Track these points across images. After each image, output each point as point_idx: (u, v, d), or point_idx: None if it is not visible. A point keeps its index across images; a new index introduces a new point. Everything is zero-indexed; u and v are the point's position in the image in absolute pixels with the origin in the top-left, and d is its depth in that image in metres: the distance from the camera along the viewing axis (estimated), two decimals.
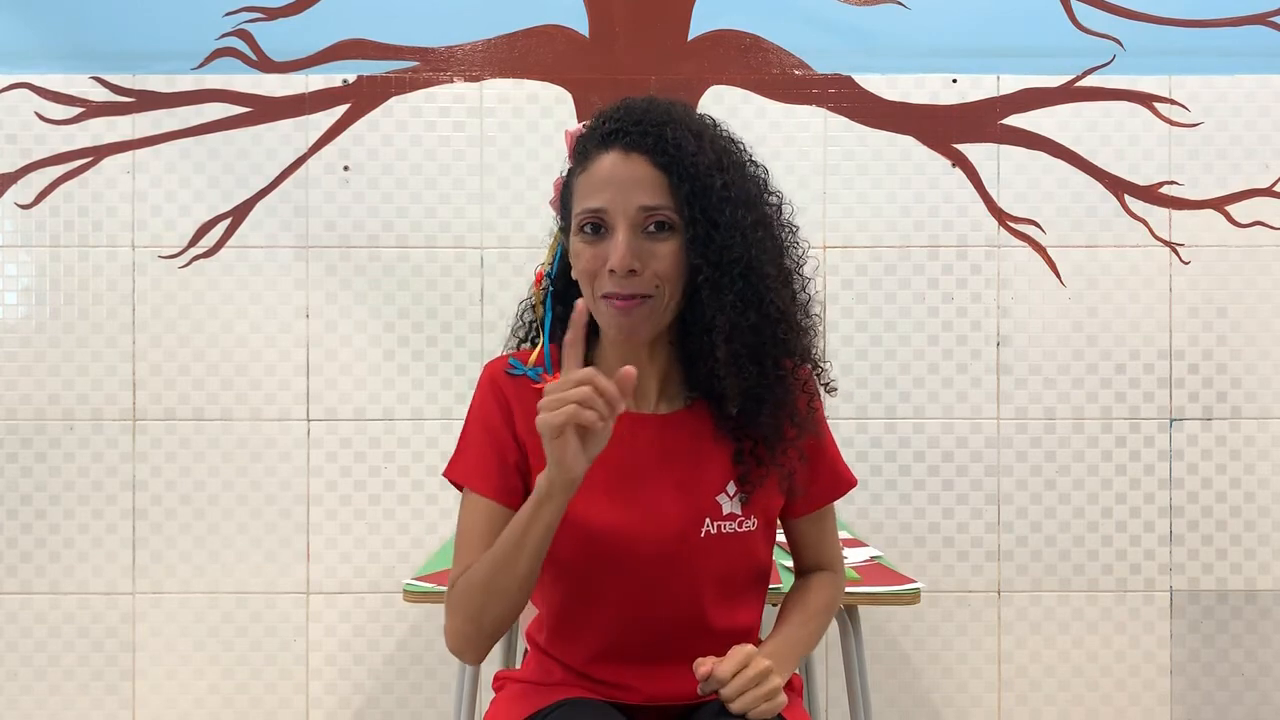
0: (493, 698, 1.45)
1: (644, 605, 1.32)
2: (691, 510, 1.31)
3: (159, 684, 2.55)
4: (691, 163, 1.23)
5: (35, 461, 2.54)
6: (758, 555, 1.38)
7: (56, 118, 2.54)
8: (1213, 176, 2.56)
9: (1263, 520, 2.57)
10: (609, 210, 1.24)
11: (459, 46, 2.56)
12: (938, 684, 2.57)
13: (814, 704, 2.17)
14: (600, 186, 1.25)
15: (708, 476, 1.33)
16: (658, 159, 1.24)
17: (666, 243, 1.25)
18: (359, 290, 2.55)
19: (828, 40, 2.56)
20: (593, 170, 1.27)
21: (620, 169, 1.25)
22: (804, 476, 1.36)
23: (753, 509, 1.34)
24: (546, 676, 1.38)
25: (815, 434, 1.37)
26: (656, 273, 1.24)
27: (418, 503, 2.55)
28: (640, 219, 1.24)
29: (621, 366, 1.21)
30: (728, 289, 1.24)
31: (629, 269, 1.23)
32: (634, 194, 1.24)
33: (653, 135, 1.24)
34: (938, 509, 2.56)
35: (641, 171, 1.24)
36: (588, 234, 1.26)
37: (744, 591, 1.38)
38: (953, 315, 2.56)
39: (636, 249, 1.23)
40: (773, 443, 1.32)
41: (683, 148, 1.24)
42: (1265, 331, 2.57)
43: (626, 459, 1.30)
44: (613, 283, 1.24)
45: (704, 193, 1.24)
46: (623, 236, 1.23)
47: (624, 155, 1.25)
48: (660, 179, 1.24)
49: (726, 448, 1.33)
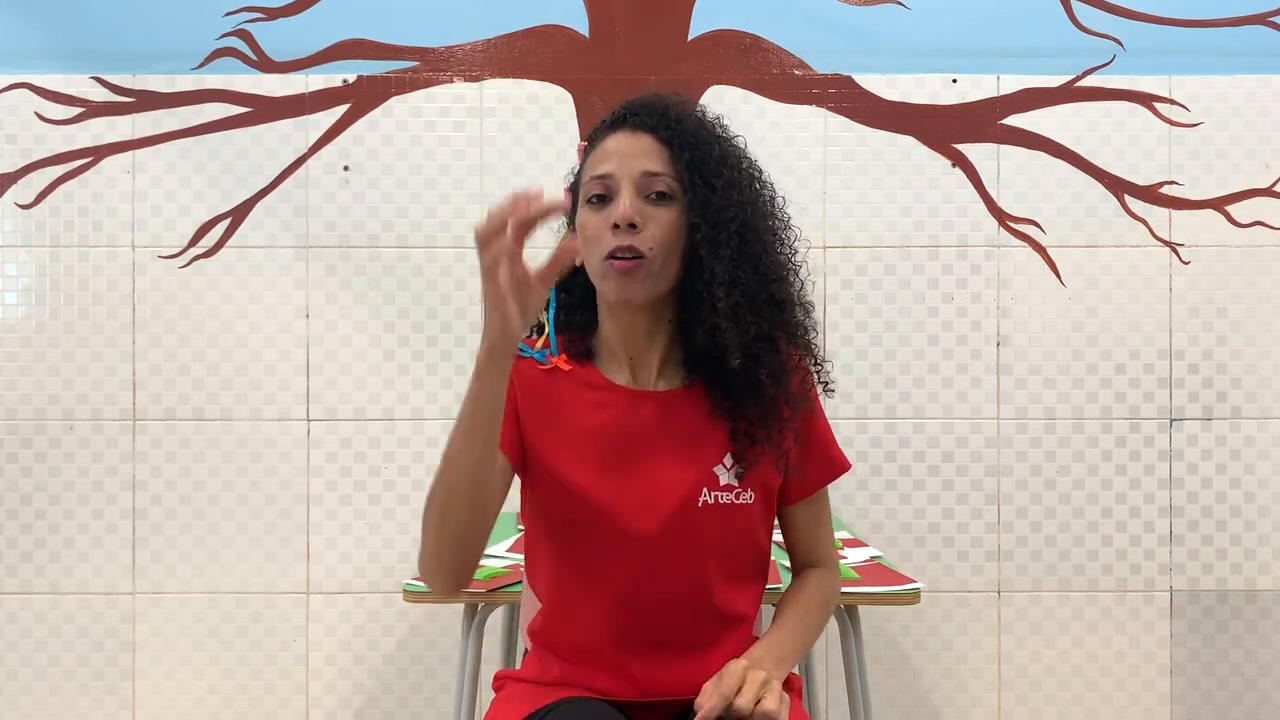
0: (493, 698, 1.46)
1: (644, 581, 1.33)
2: (689, 480, 1.34)
3: (159, 684, 2.55)
4: (692, 135, 1.34)
5: (35, 461, 2.54)
6: (756, 535, 1.40)
7: (56, 118, 2.54)
8: (1213, 176, 2.56)
9: (1263, 520, 2.57)
10: (615, 174, 1.32)
11: (459, 46, 2.56)
12: (938, 684, 2.57)
13: (814, 704, 2.17)
14: (607, 157, 1.34)
15: (705, 449, 1.36)
16: (661, 134, 1.33)
17: (666, 210, 1.32)
18: (359, 290, 2.56)
19: (828, 40, 2.56)
20: (601, 147, 1.36)
21: (626, 143, 1.34)
22: (798, 458, 1.39)
23: (749, 482, 1.36)
24: (545, 674, 1.39)
25: (810, 413, 1.40)
26: (655, 236, 1.31)
27: (418, 503, 2.54)
28: (644, 183, 1.32)
29: (623, 345, 1.38)
30: (725, 244, 1.31)
31: (630, 221, 1.29)
32: (639, 161, 1.33)
33: (657, 114, 1.35)
34: (938, 509, 2.56)
35: (646, 145, 1.34)
36: (594, 204, 1.34)
37: (745, 575, 1.40)
38: (953, 315, 2.56)
39: (639, 208, 1.31)
40: (768, 421, 1.35)
41: (684, 123, 1.34)
42: (1265, 331, 2.57)
43: (625, 432, 1.35)
44: (616, 238, 1.30)
45: (703, 160, 1.33)
46: (627, 194, 1.31)
47: (630, 133, 1.35)
48: (663, 151, 1.33)
49: (723, 425, 1.36)
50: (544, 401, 1.37)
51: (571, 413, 1.37)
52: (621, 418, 1.36)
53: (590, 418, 1.36)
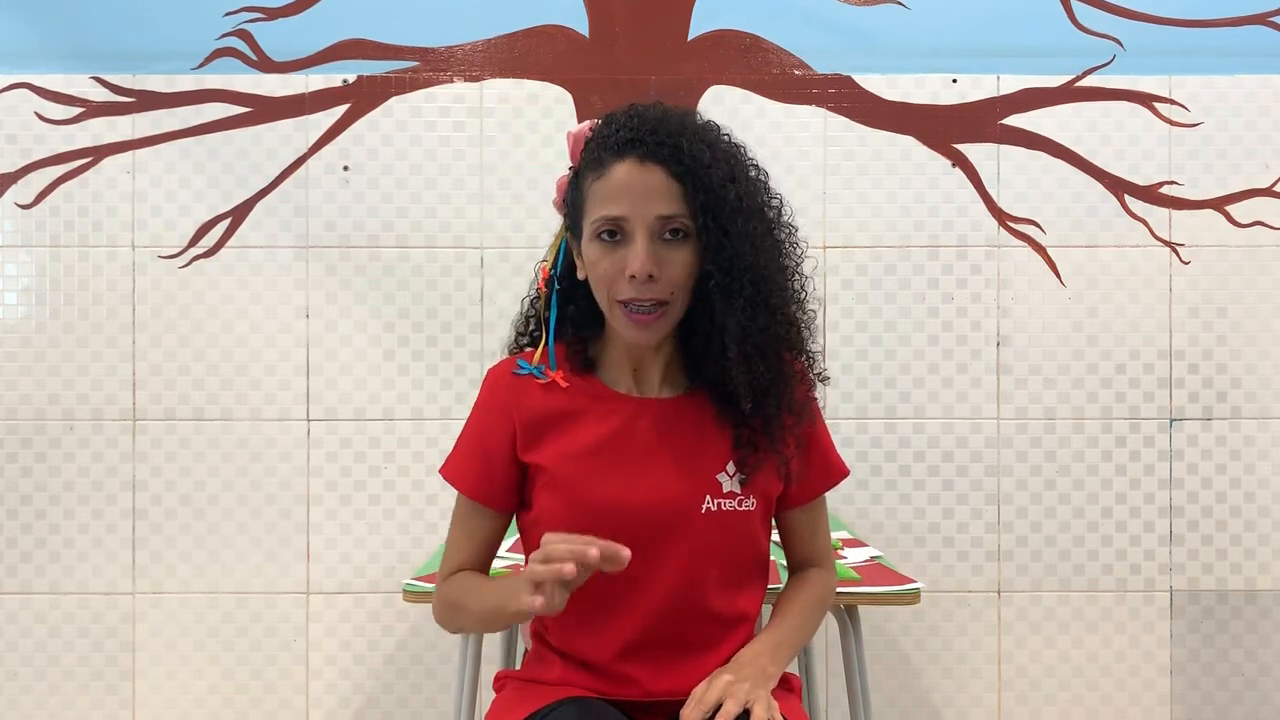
0: (493, 698, 1.46)
1: (647, 586, 1.33)
2: (692, 487, 1.35)
3: (159, 684, 2.55)
4: (706, 175, 1.28)
5: (35, 461, 2.54)
6: (757, 539, 1.40)
7: (56, 118, 2.54)
8: (1213, 176, 2.56)
9: (1263, 520, 2.57)
10: (628, 218, 1.29)
11: (459, 46, 2.56)
12: (938, 684, 2.57)
13: (814, 704, 2.17)
14: (618, 194, 1.29)
15: (708, 456, 1.37)
16: (674, 169, 1.29)
17: (681, 250, 1.30)
18: (359, 290, 2.55)
19: (828, 40, 2.56)
20: (609, 177, 1.31)
21: (637, 178, 1.29)
22: (799, 464, 1.40)
23: (752, 489, 1.37)
24: (545, 673, 1.40)
25: (811, 420, 1.41)
26: (671, 279, 1.30)
27: (418, 503, 2.55)
28: (658, 227, 1.29)
29: (627, 354, 1.38)
30: (738, 294, 1.29)
31: (649, 274, 1.28)
32: (652, 203, 1.28)
33: (669, 146, 1.29)
34: (938, 509, 2.56)
35: (658, 181, 1.29)
36: (605, 241, 1.31)
37: (745, 580, 1.40)
38: (953, 315, 2.56)
39: (655, 256, 1.28)
40: (772, 429, 1.35)
41: (698, 159, 1.29)
42: (1265, 331, 2.57)
43: (629, 440, 1.36)
44: (632, 288, 1.29)
45: (718, 204, 1.29)
46: (642, 243, 1.28)
47: (640, 164, 1.29)
48: (676, 188, 1.29)
49: (726, 432, 1.37)
50: (545, 418, 1.38)
51: (574, 424, 1.37)
52: (624, 426, 1.36)
53: (593, 427, 1.36)
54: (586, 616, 1.36)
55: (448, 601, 1.39)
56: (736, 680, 1.27)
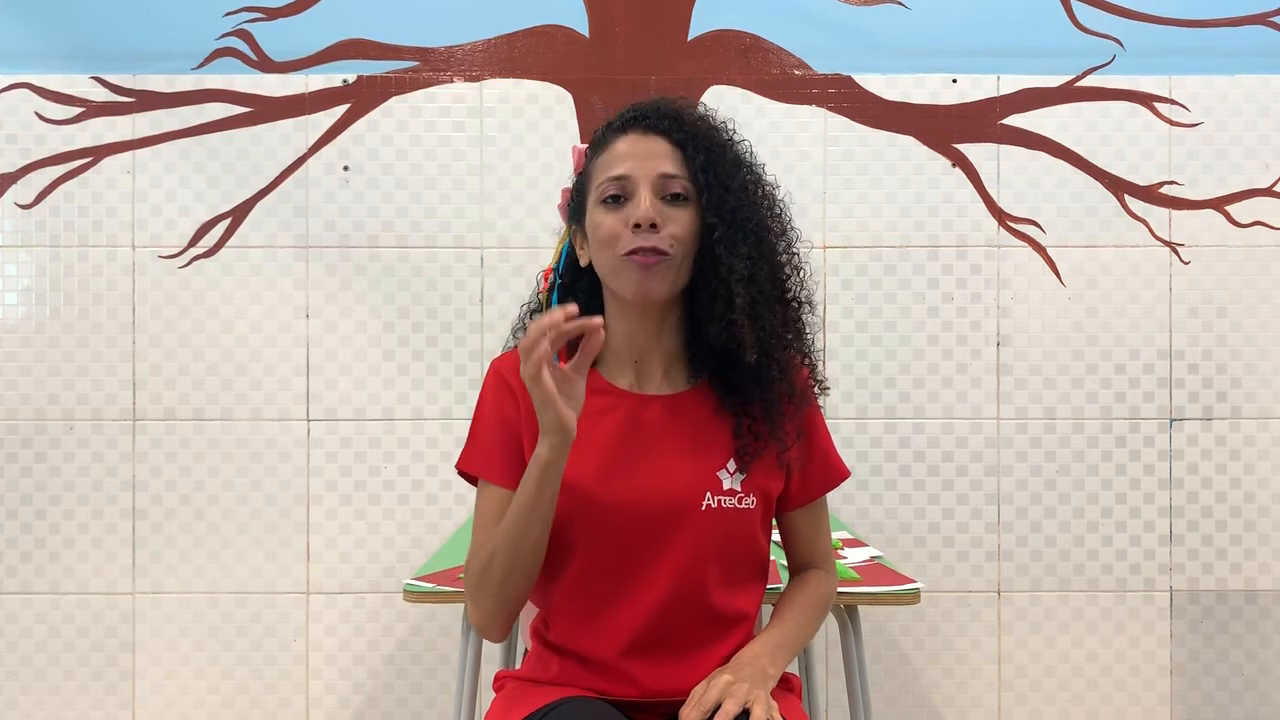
0: (493, 698, 1.46)
1: (646, 584, 1.34)
2: (693, 483, 1.35)
3: (159, 684, 2.55)
4: (705, 137, 1.37)
5: (35, 461, 2.54)
6: (757, 539, 1.41)
7: (56, 118, 2.54)
8: (1213, 176, 2.56)
9: (1263, 520, 2.57)
10: (631, 176, 1.34)
11: (459, 46, 2.56)
12: (938, 684, 2.57)
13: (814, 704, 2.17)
14: (622, 158, 1.36)
15: (709, 453, 1.37)
16: (675, 136, 1.36)
17: (683, 211, 1.35)
18: (359, 290, 2.56)
19: (828, 40, 2.56)
20: (612, 149, 1.37)
21: (640, 144, 1.36)
22: (799, 462, 1.41)
23: (752, 486, 1.37)
24: (545, 674, 1.39)
25: (811, 414, 1.43)
26: (674, 234, 1.33)
27: (418, 503, 2.55)
28: (660, 184, 1.34)
29: (629, 347, 1.39)
30: (742, 243, 1.34)
31: (651, 221, 1.31)
32: (655, 162, 1.35)
33: (669, 117, 1.37)
34: (938, 509, 2.56)
35: (660, 147, 1.36)
36: (609, 204, 1.35)
37: (745, 579, 1.41)
38: (953, 315, 2.56)
39: (658, 208, 1.33)
40: (771, 415, 1.37)
41: (696, 126, 1.37)
42: (1265, 331, 2.57)
43: (629, 436, 1.37)
44: (637, 237, 1.32)
45: (718, 161, 1.36)
46: (646, 195, 1.33)
47: (643, 134, 1.37)
48: (677, 154, 1.36)
49: (727, 425, 1.38)
50: None
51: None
52: (625, 422, 1.37)
53: (594, 423, 1.36)
54: (586, 613, 1.36)
55: (483, 559, 1.32)
56: (736, 680, 1.27)
